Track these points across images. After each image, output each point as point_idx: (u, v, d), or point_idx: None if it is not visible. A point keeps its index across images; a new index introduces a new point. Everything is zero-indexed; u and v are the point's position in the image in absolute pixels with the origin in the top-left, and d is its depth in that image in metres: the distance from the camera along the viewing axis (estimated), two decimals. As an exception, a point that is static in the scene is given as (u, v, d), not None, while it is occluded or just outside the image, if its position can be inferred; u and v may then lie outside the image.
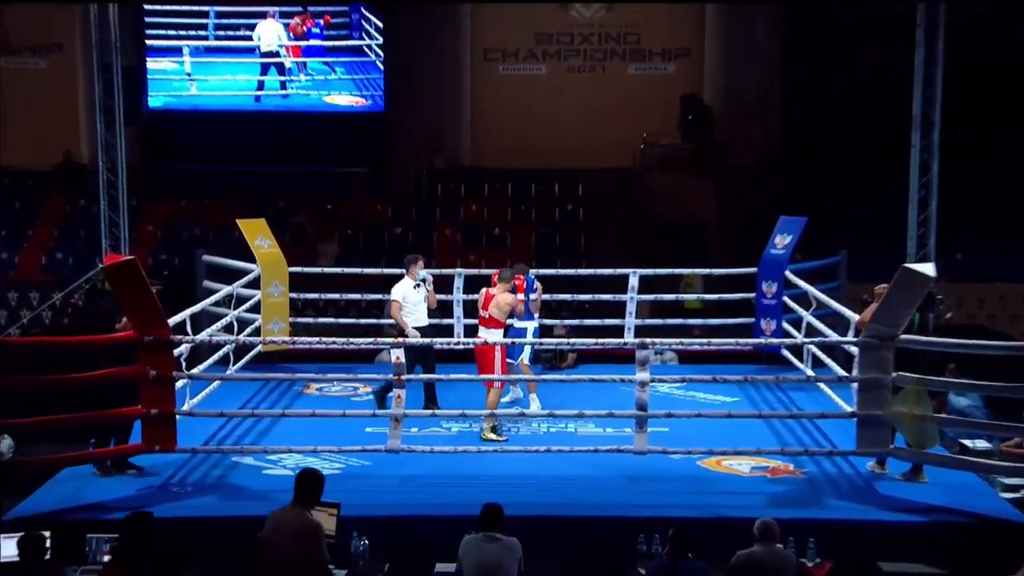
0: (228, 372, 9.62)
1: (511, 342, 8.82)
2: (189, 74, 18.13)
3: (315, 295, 11.88)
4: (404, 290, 9.50)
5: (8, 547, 6.25)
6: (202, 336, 8.98)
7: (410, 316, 9.44)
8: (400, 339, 8.03)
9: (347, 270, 11.85)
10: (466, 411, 8.37)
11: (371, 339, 9.21)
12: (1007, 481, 8.09)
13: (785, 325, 10.75)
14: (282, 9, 18.10)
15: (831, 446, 8.55)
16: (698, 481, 7.94)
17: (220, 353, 9.74)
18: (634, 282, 10.93)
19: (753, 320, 10.98)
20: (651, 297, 11.62)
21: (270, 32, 18.16)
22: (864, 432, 7.80)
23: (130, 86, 14.59)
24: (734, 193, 17.55)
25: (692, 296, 13.02)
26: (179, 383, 8.13)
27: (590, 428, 9.07)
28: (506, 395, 9.74)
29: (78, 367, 7.55)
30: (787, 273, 10.73)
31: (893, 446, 7.84)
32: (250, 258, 10.96)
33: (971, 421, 8.64)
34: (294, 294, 11.26)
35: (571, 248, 16.97)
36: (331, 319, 11.95)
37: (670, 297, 12.07)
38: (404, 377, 7.90)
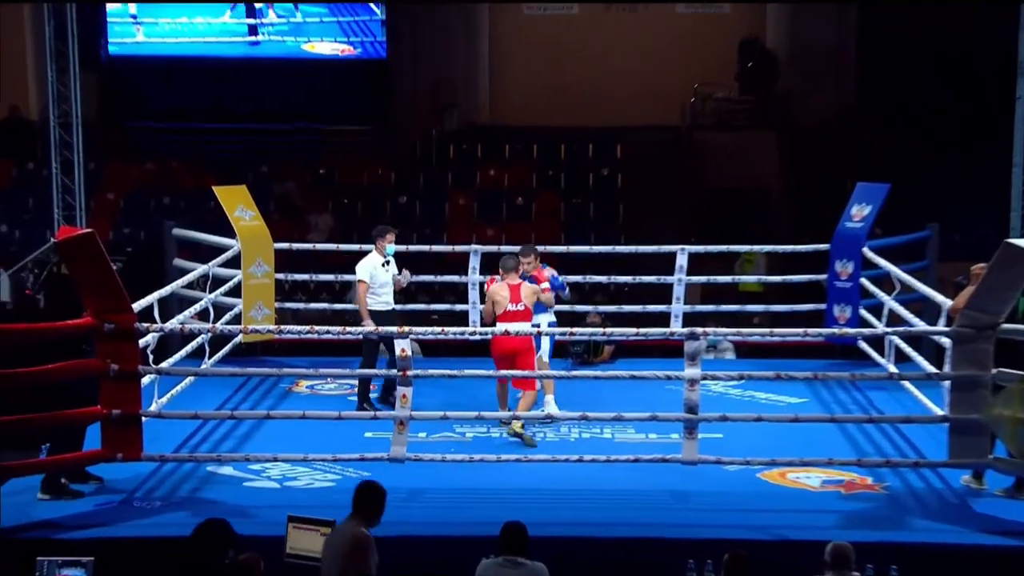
0: (203, 366, 9.62)
1: (537, 331, 8.80)
2: (135, 16, 18.11)
3: (305, 276, 11.88)
4: (372, 268, 9.57)
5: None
6: (172, 324, 9.00)
7: (376, 298, 9.53)
8: (406, 328, 8.00)
9: (343, 247, 11.85)
10: (483, 413, 8.36)
11: (371, 328, 9.18)
12: None
13: (863, 312, 10.72)
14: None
15: (917, 456, 8.52)
16: (758, 497, 7.93)
17: (194, 344, 9.74)
18: (682, 261, 10.91)
19: (824, 306, 10.96)
20: (703, 279, 11.61)
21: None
22: (957, 440, 7.75)
23: (86, 29, 14.65)
24: (802, 155, 17.49)
25: (752, 278, 12.99)
26: (145, 379, 8.15)
27: (630, 434, 9.07)
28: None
29: (25, 361, 7.56)
30: (865, 250, 10.69)
31: (992, 456, 7.80)
32: (229, 232, 10.96)
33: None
34: (280, 274, 11.26)
35: (607, 220, 16.96)
36: (324, 304, 11.99)
37: (725, 279, 12.05)
38: (411, 373, 7.90)
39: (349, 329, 8.40)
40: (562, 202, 17.35)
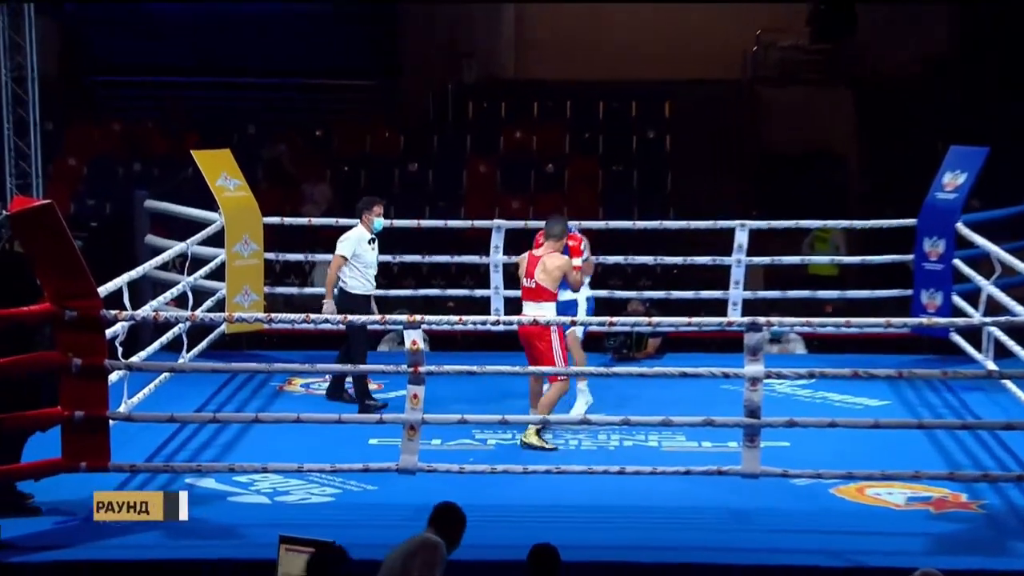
0: (181, 361, 9.64)
1: (571, 322, 8.79)
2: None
3: (299, 256, 11.93)
4: (356, 243, 9.69)
5: None
6: (145, 311, 9.02)
7: (357, 279, 9.66)
8: (417, 317, 7.99)
9: (343, 221, 11.81)
10: (507, 416, 8.36)
11: (376, 316, 9.20)
12: None
13: (956, 299, 10.70)
14: None
15: (1021, 469, 8.52)
16: (831, 516, 7.92)
17: (170, 335, 9.76)
18: (742, 238, 10.91)
19: (911, 292, 10.96)
20: (766, 259, 11.59)
21: None
22: (1068, 449, 7.72)
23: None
24: (883, 113, 17.39)
25: (824, 258, 12.93)
26: (113, 375, 8.18)
27: (679, 441, 9.08)
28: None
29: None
30: (959, 226, 10.67)
31: (1109, 469, 7.77)
32: (210, 204, 10.98)
33: None
34: (270, 254, 11.29)
35: (654, 191, 16.92)
36: (321, 289, 11.99)
37: (792, 260, 12.00)
38: (422, 370, 7.90)
39: (352, 318, 8.39)
40: (600, 169, 17.33)
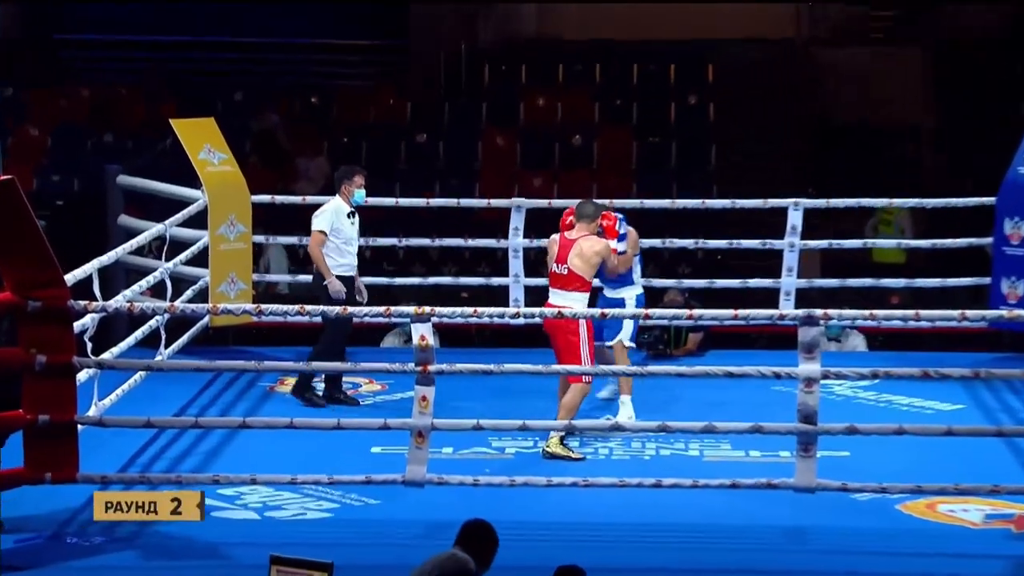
0: (159, 358, 9.65)
1: (607, 314, 8.79)
2: None
3: (293, 239, 11.94)
4: (334, 217, 9.81)
5: None
6: (118, 302, 9.03)
7: (336, 259, 9.84)
8: (427, 309, 8.00)
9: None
10: (528, 422, 8.36)
11: (380, 308, 9.19)
12: None
13: (1041, 289, 10.68)
14: None
15: (1115, 483, 8.47)
16: (898, 536, 7.92)
17: (146, 328, 9.77)
18: (795, 219, 10.91)
19: (989, 280, 10.97)
20: (823, 243, 11.59)
21: None
22: None
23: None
24: (959, 78, 17.33)
25: (890, 242, 12.90)
26: (82, 374, 8.19)
27: (724, 450, 9.11)
28: (600, 391, 9.76)
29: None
30: (1046, 205, 10.64)
31: None
32: (192, 180, 10.99)
33: None
34: (260, 237, 11.29)
35: (694, 166, 16.92)
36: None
37: (853, 243, 11.98)
38: (432, 368, 7.91)
39: (352, 309, 8.40)
40: (634, 141, 17.34)
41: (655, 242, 11.31)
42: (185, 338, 10.65)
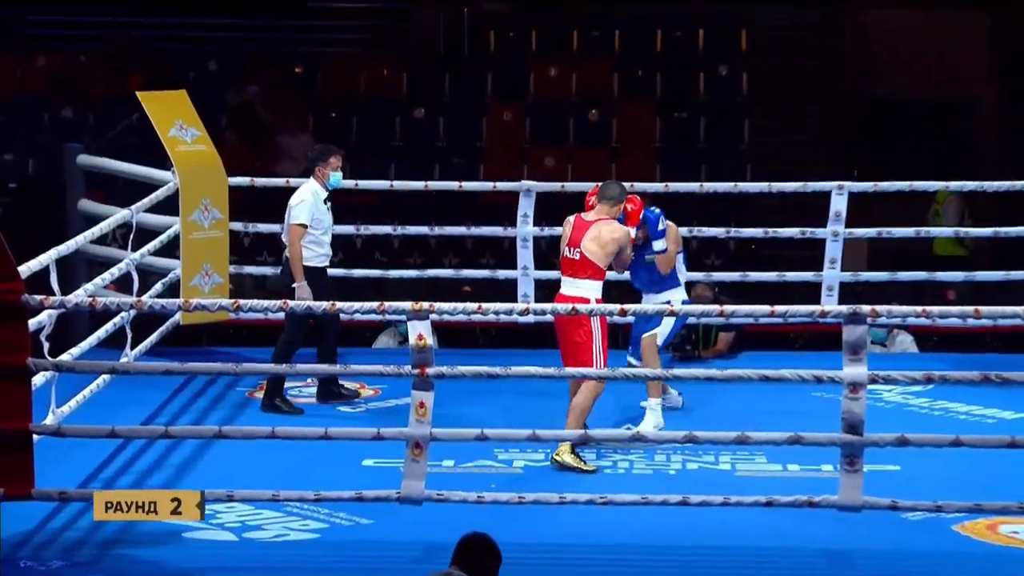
0: (124, 359, 9.64)
1: (620, 311, 8.77)
2: None
3: (275, 226, 11.90)
4: (312, 204, 9.88)
5: None
6: (78, 296, 9.02)
7: (316, 250, 9.92)
8: (425, 305, 7.98)
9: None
10: (539, 432, 8.34)
11: (372, 304, 9.17)
12: None
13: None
14: None
15: None
16: (955, 561, 7.95)
17: (110, 326, 9.75)
18: (839, 205, 10.94)
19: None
20: (871, 231, 11.56)
21: None
22: None
23: None
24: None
25: (946, 230, 12.86)
26: (38, 378, 8.19)
27: (759, 464, 9.14)
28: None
29: None
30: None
31: None
32: (161, 160, 10.99)
33: None
34: (238, 224, 11.28)
35: (725, 144, 16.90)
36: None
37: (905, 232, 11.95)
38: (431, 371, 7.90)
39: (341, 305, 8.37)
40: (658, 117, 17.32)
41: (681, 230, 11.26)
42: (154, 337, 10.66)
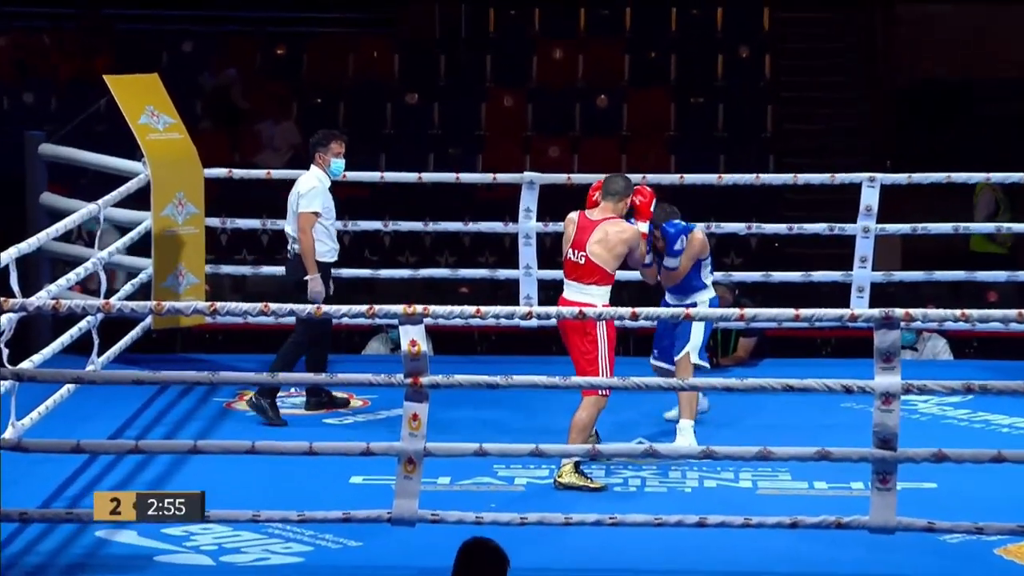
0: (91, 367, 9.68)
1: (638, 314, 8.82)
2: None
3: (255, 222, 11.96)
4: (322, 190, 10.01)
5: None
6: (40, 298, 9.06)
7: (328, 241, 10.09)
8: (419, 308, 8.05)
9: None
10: (542, 447, 8.39)
11: (361, 308, 9.24)
12: None
13: None
14: None
15: None
16: (996, 586, 7.96)
17: (75, 331, 9.79)
18: (871, 198, 10.95)
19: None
20: (904, 227, 11.57)
21: None
22: None
23: None
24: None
25: (987, 226, 12.88)
26: (-3, 387, 8.24)
27: (783, 481, 9.17)
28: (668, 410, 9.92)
29: None
30: None
31: None
32: (131, 150, 11.02)
33: None
34: (215, 220, 11.32)
35: (746, 133, 16.90)
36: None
37: (942, 228, 11.98)
38: (425, 381, 7.94)
39: (327, 309, 8.44)
40: (672, 103, 17.33)
41: (700, 226, 11.30)
42: (123, 343, 10.67)
